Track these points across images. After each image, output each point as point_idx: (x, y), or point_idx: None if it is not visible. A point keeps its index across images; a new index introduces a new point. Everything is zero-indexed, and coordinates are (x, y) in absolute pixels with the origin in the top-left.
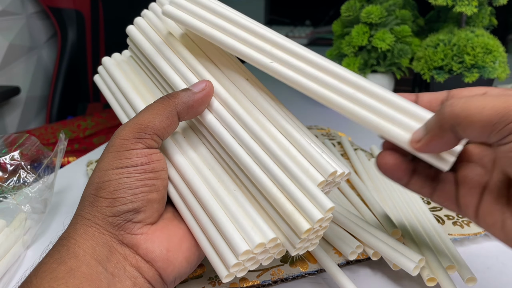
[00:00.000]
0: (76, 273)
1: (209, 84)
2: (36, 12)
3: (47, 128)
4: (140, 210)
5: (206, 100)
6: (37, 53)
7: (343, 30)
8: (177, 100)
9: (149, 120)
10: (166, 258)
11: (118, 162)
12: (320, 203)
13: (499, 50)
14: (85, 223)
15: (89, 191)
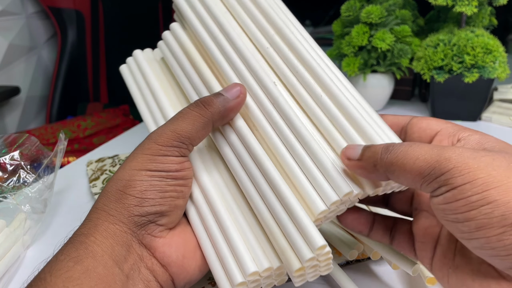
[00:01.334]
0: (92, 274)
1: (243, 90)
2: (36, 12)
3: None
4: (166, 214)
5: (239, 108)
6: (37, 53)
7: (343, 30)
8: (213, 110)
9: (187, 130)
10: (181, 264)
11: (152, 165)
12: (310, 241)
13: (499, 50)
14: (108, 220)
15: (116, 187)
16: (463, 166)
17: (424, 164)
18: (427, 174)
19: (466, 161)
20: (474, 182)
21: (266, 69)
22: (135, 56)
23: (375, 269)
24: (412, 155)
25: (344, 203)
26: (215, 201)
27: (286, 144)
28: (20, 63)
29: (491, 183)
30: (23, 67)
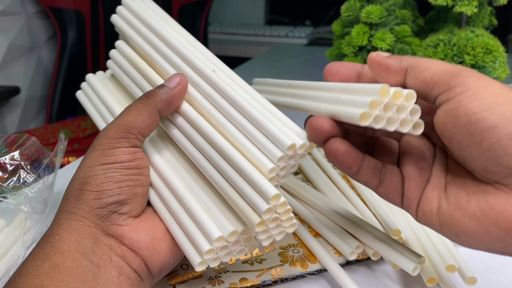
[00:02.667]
0: (60, 268)
1: (182, 77)
2: (36, 12)
3: (47, 128)
4: (125, 202)
5: (182, 94)
6: (37, 53)
7: (343, 30)
8: (156, 99)
9: (132, 120)
10: (151, 246)
11: (104, 159)
12: (264, 193)
13: (499, 50)
14: (69, 218)
15: (74, 187)
16: (480, 76)
17: (447, 66)
18: (448, 73)
19: (481, 75)
20: (488, 87)
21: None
22: (88, 80)
23: (375, 269)
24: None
25: (293, 157)
26: (173, 181)
27: (229, 118)
28: (20, 63)
29: (503, 92)
30: (23, 67)
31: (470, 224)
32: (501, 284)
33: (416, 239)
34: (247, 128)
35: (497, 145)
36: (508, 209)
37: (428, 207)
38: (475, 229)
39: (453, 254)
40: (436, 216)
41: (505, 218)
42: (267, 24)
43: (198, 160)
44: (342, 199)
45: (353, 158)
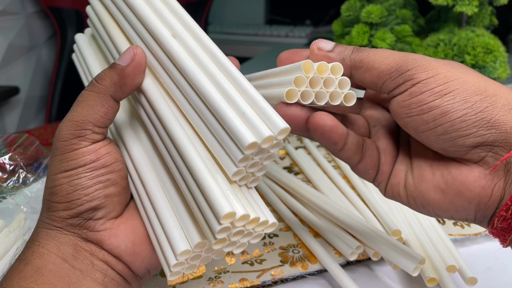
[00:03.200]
0: (43, 271)
1: (138, 51)
2: (36, 12)
3: (47, 128)
4: (99, 207)
5: (138, 71)
6: (37, 53)
7: (343, 29)
8: (106, 83)
9: (83, 114)
10: (132, 251)
11: (65, 165)
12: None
13: (500, 50)
14: (45, 227)
15: (44, 196)
16: (426, 64)
17: (392, 61)
18: (394, 70)
19: (429, 61)
20: (436, 76)
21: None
22: (77, 41)
23: (375, 269)
24: (381, 54)
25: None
26: (147, 178)
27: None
28: (19, 63)
29: (451, 76)
30: (23, 67)
31: (435, 196)
32: (501, 285)
33: (417, 239)
34: (207, 116)
35: (451, 129)
36: (471, 180)
37: (395, 180)
38: (440, 200)
39: (454, 254)
40: (403, 189)
41: (468, 188)
42: (267, 23)
43: (162, 153)
44: (342, 199)
45: (339, 134)
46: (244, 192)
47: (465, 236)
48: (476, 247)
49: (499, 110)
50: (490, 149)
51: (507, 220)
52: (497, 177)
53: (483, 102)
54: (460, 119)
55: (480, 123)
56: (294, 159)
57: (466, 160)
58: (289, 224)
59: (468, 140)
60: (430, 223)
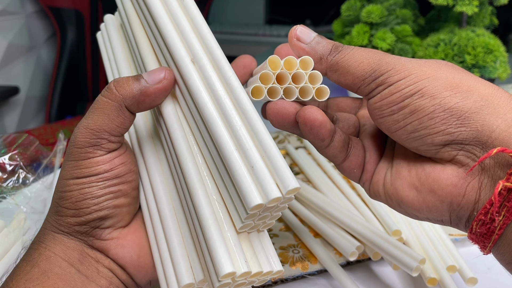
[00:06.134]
0: (49, 274)
1: (168, 76)
2: (36, 11)
3: (46, 128)
4: (107, 217)
5: (163, 94)
6: (36, 53)
7: (343, 29)
8: (124, 93)
9: (99, 122)
10: (137, 264)
11: (78, 172)
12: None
13: (500, 50)
14: (52, 230)
15: (54, 198)
16: (399, 66)
17: (367, 67)
18: (368, 76)
19: (403, 63)
20: (408, 78)
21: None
22: (106, 21)
23: (375, 270)
24: (357, 58)
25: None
26: (160, 197)
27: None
28: (19, 63)
29: (422, 76)
30: (23, 67)
31: (409, 193)
32: (501, 285)
33: (417, 240)
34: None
35: (419, 126)
36: (443, 177)
37: (376, 178)
38: (414, 198)
39: (454, 254)
40: (382, 187)
41: (440, 186)
42: (267, 23)
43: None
44: (342, 199)
45: (328, 131)
46: (252, 238)
47: (465, 236)
48: (477, 247)
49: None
50: (461, 147)
51: (486, 225)
52: (471, 175)
53: (452, 98)
54: (428, 117)
55: (449, 120)
56: (294, 159)
57: (439, 159)
58: (289, 224)
59: (436, 138)
60: (430, 223)
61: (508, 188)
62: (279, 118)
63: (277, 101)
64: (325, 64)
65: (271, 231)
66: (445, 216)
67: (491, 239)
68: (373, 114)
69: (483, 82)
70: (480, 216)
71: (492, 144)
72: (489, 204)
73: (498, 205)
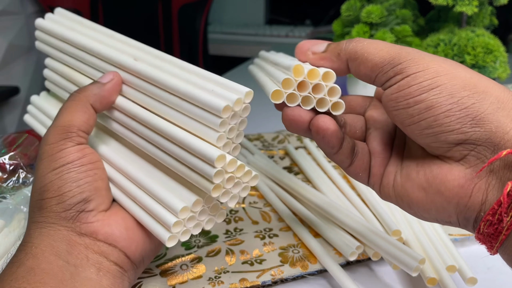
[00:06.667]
0: (36, 271)
1: (116, 74)
2: (36, 11)
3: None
4: (90, 199)
5: (116, 89)
6: (37, 53)
7: (343, 29)
8: (87, 93)
9: (68, 119)
10: (126, 236)
11: (54, 164)
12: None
13: (500, 50)
14: (38, 226)
15: (34, 198)
16: (419, 58)
17: (386, 54)
18: (387, 63)
19: (422, 55)
20: (426, 70)
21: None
22: (32, 102)
23: (375, 269)
24: (376, 46)
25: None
26: (126, 167)
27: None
28: (19, 63)
29: (441, 71)
30: (23, 67)
31: (418, 194)
32: (501, 284)
33: (417, 239)
34: (181, 105)
35: (434, 123)
36: (450, 178)
37: (386, 180)
38: (422, 199)
39: (454, 254)
40: (392, 189)
41: (447, 187)
42: (267, 24)
43: (142, 145)
44: (342, 199)
45: (339, 139)
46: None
47: (465, 236)
48: (476, 247)
49: (486, 108)
50: (473, 148)
51: (494, 226)
52: (478, 177)
53: (470, 98)
54: (444, 114)
55: (464, 120)
56: (294, 159)
57: (448, 158)
58: (289, 224)
59: (450, 136)
60: (430, 223)
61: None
62: (293, 124)
63: (294, 108)
64: (344, 56)
65: (271, 230)
66: (452, 217)
67: (498, 239)
68: (388, 106)
69: (499, 85)
70: (488, 216)
71: (504, 146)
72: (497, 205)
73: (507, 206)
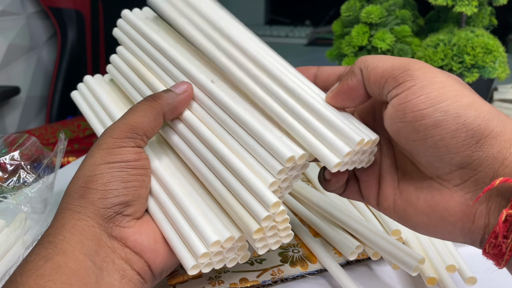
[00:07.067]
0: (63, 269)
1: (189, 86)
2: (36, 12)
3: (47, 128)
4: (130, 203)
5: (187, 102)
6: (37, 53)
7: (343, 30)
8: (162, 102)
9: (138, 121)
10: (154, 248)
11: (110, 158)
12: (264, 200)
13: (499, 50)
14: (74, 217)
15: (78, 184)
16: (426, 68)
17: (396, 61)
18: (396, 68)
19: (429, 67)
20: (434, 81)
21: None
22: (85, 81)
23: (375, 269)
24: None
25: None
26: (170, 185)
27: (228, 129)
28: (20, 63)
29: (448, 86)
30: (23, 67)
31: (422, 218)
32: (501, 284)
33: (416, 239)
34: (246, 139)
35: (440, 143)
36: (452, 205)
37: (386, 203)
38: (427, 223)
39: (453, 254)
40: (394, 212)
41: (450, 213)
42: (267, 24)
43: (197, 166)
44: (342, 199)
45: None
46: None
47: None
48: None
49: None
50: (474, 174)
51: (497, 247)
52: (479, 202)
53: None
54: (450, 135)
55: (470, 142)
56: None
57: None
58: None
59: (455, 159)
60: None
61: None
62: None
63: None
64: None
65: None
66: (459, 238)
67: (504, 258)
68: (395, 117)
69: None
70: (491, 239)
71: (503, 171)
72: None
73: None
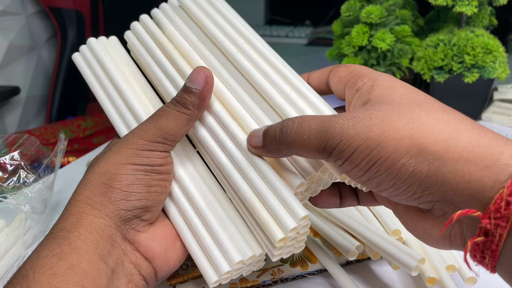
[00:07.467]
0: (76, 270)
1: (208, 73)
2: (36, 12)
3: (47, 128)
4: (150, 209)
5: (211, 90)
6: (37, 53)
7: (343, 30)
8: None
9: (172, 128)
10: (164, 256)
11: (137, 159)
12: (294, 212)
13: (499, 50)
14: (92, 214)
15: (101, 180)
16: (346, 138)
17: (316, 143)
18: (323, 151)
19: (347, 133)
20: (358, 150)
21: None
22: (89, 45)
23: (375, 269)
24: (304, 134)
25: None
26: (194, 195)
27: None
28: (20, 63)
29: (371, 145)
30: (23, 67)
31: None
32: (501, 284)
33: (416, 239)
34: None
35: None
36: (429, 227)
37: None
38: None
39: (453, 254)
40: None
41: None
42: (267, 24)
43: (224, 166)
44: None
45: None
46: None
47: None
48: None
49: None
50: (433, 204)
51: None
52: (451, 225)
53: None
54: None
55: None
56: None
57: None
58: None
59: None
60: None
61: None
62: None
63: None
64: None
65: None
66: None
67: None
68: (352, 177)
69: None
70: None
71: (458, 201)
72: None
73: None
